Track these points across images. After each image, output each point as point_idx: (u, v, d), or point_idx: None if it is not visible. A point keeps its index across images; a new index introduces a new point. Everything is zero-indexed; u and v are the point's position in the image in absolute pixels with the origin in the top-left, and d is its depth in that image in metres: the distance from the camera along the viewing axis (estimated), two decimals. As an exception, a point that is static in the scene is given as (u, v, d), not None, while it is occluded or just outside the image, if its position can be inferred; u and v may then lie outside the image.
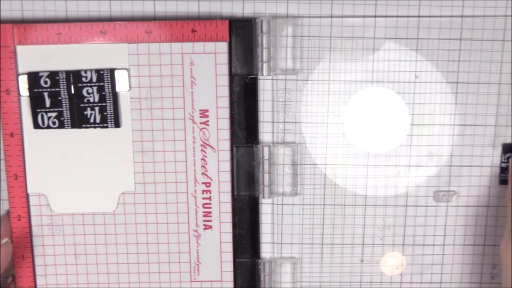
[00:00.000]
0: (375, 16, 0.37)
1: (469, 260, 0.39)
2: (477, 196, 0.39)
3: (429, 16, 0.37)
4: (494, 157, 0.38)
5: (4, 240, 0.36)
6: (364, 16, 0.37)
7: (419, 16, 0.37)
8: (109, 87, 0.36)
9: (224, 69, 0.36)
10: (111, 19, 0.37)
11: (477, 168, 0.38)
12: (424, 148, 0.38)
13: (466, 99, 0.38)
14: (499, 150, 0.38)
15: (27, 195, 0.38)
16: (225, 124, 0.37)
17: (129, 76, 0.36)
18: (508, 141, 0.38)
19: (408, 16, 0.37)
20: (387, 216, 0.39)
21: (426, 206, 0.38)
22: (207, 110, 0.37)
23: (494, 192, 0.38)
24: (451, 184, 0.38)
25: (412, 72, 0.37)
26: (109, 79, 0.36)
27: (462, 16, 0.37)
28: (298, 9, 0.37)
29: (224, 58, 0.36)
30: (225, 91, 0.37)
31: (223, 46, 0.36)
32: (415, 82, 0.37)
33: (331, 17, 0.37)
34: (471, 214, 0.39)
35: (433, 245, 0.39)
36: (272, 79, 0.37)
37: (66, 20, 0.37)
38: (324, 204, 0.39)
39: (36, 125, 0.37)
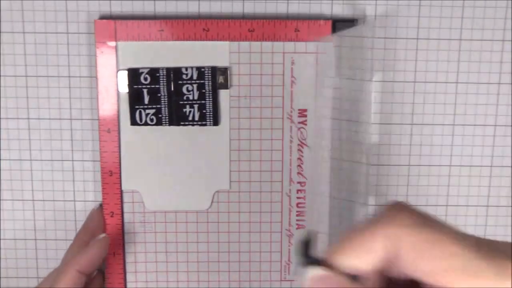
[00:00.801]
0: (375, 16, 0.37)
1: None
2: None
3: (429, 17, 0.37)
4: None
5: (102, 235, 0.36)
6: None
7: (419, 16, 0.37)
8: (210, 84, 0.36)
9: (324, 70, 0.37)
10: (211, 17, 0.37)
11: None
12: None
13: (466, 99, 0.38)
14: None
15: (121, 192, 0.37)
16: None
17: (230, 74, 0.36)
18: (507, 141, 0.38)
19: (408, 16, 0.37)
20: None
21: None
22: (305, 110, 0.37)
23: None
24: None
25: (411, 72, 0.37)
26: (209, 76, 0.36)
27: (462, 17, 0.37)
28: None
29: (325, 58, 0.36)
30: (324, 92, 0.37)
31: (325, 46, 0.36)
32: (414, 82, 0.37)
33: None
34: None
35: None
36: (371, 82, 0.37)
37: (164, 18, 0.37)
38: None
39: (134, 122, 0.37)
